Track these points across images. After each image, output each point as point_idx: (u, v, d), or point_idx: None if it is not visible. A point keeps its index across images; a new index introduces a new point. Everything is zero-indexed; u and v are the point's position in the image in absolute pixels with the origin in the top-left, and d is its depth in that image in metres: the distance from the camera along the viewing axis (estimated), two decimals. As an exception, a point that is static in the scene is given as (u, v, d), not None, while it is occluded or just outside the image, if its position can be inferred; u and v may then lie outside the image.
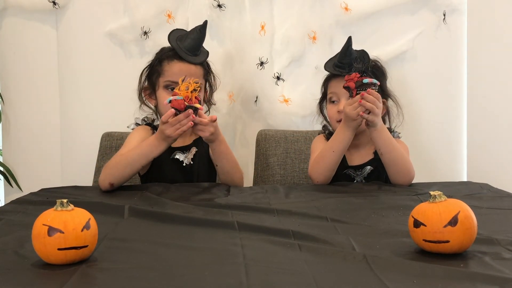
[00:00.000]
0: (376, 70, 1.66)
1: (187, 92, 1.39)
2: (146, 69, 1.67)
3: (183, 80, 1.41)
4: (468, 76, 2.13)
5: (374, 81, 1.48)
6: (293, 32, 2.00)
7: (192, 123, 1.39)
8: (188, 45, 1.61)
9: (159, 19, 1.96)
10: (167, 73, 1.59)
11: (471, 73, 2.14)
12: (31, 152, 2.04)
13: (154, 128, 1.62)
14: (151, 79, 1.64)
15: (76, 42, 1.96)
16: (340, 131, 1.55)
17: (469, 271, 0.78)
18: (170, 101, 1.40)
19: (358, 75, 1.49)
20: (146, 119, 1.65)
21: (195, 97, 1.41)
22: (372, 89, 1.48)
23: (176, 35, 1.64)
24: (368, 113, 1.48)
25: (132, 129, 1.64)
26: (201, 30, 1.63)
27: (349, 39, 1.64)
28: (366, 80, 1.47)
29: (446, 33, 2.07)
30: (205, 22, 1.63)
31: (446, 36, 2.08)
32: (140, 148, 1.47)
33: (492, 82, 2.24)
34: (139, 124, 1.64)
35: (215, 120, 1.43)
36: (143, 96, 1.67)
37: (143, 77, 1.67)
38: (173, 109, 1.40)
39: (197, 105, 1.41)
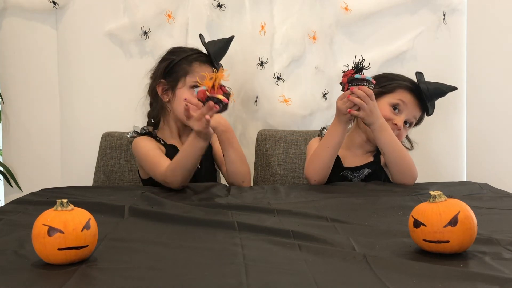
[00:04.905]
0: (431, 107, 1.68)
1: (211, 81, 1.33)
2: (166, 64, 1.63)
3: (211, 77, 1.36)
4: (468, 76, 2.13)
5: (368, 77, 1.48)
6: (293, 32, 2.00)
7: (209, 117, 1.32)
8: (216, 52, 1.64)
9: (159, 19, 1.96)
10: (198, 74, 1.57)
11: (471, 73, 2.14)
12: (31, 152, 2.03)
13: (154, 137, 1.61)
14: (173, 75, 1.62)
15: (76, 42, 1.96)
16: (332, 126, 1.56)
17: (469, 271, 0.78)
18: (197, 92, 1.35)
19: (353, 71, 1.49)
20: (145, 129, 1.63)
21: (221, 88, 1.34)
22: (364, 85, 1.48)
23: (203, 40, 1.66)
24: (358, 110, 1.48)
25: (132, 136, 1.62)
26: (227, 42, 1.67)
27: (454, 88, 1.69)
28: (358, 76, 1.47)
29: (446, 33, 2.07)
30: (232, 37, 1.69)
31: (446, 36, 2.08)
32: (184, 151, 1.43)
33: (492, 82, 2.24)
34: (137, 132, 1.62)
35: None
36: (156, 90, 1.64)
37: (160, 72, 1.63)
38: (187, 105, 1.36)
39: (220, 96, 1.32)
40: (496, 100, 2.25)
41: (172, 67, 1.62)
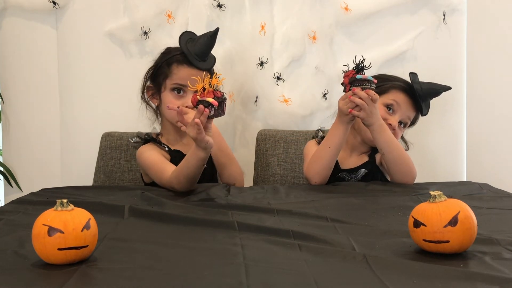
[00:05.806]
0: (426, 107, 1.70)
1: (202, 84, 1.29)
2: (151, 69, 1.64)
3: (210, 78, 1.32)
4: (468, 76, 2.13)
5: (369, 77, 1.48)
6: (293, 32, 2.00)
7: (198, 121, 1.27)
8: (197, 50, 1.59)
9: (159, 19, 1.96)
10: (176, 76, 1.57)
11: (471, 73, 2.14)
12: (31, 152, 2.03)
13: (159, 143, 1.60)
14: (157, 79, 1.62)
15: (76, 42, 1.96)
16: (334, 126, 1.56)
17: (469, 271, 0.78)
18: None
19: (354, 72, 1.50)
20: (148, 135, 1.62)
21: (213, 92, 1.29)
22: (366, 85, 1.48)
23: (186, 38, 1.61)
24: (360, 110, 1.48)
25: (136, 142, 1.62)
26: (211, 36, 1.61)
27: (448, 88, 1.72)
28: (359, 76, 1.48)
29: (446, 33, 2.08)
30: (217, 29, 1.62)
31: (446, 36, 2.08)
32: (186, 161, 1.40)
33: (492, 82, 2.24)
34: (140, 138, 1.62)
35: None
36: (145, 95, 1.65)
37: (147, 77, 1.64)
38: (178, 113, 1.36)
39: (209, 99, 1.27)
40: (496, 100, 2.26)
41: (157, 71, 1.62)
